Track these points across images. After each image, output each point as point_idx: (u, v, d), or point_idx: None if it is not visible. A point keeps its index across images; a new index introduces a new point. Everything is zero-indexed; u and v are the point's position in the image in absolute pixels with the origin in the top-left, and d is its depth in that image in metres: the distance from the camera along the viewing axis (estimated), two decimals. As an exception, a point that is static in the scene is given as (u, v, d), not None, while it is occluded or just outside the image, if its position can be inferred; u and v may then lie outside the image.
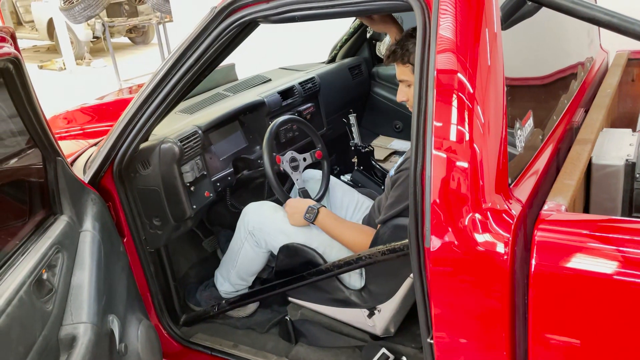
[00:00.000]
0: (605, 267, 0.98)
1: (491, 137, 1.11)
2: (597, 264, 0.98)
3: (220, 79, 2.55)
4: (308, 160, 2.10)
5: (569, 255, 1.00)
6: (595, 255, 0.99)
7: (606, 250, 0.99)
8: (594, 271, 0.98)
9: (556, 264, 1.01)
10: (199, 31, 1.48)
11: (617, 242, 1.00)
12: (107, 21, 7.35)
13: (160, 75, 1.56)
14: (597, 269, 0.98)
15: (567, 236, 1.02)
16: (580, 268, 0.99)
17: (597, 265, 0.98)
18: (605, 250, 0.99)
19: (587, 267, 0.99)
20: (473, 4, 1.11)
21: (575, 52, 1.83)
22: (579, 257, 0.99)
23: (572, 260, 1.00)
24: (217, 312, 1.94)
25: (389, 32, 1.70)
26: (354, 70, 2.82)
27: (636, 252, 0.97)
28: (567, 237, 1.02)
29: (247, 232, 1.89)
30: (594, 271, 0.98)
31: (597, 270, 0.98)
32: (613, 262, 0.98)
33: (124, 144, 1.66)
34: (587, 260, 0.99)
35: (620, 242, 0.99)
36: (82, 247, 1.50)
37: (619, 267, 0.97)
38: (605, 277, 0.98)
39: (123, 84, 6.84)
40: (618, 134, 1.61)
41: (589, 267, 0.98)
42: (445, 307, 1.18)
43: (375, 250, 1.50)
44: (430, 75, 1.13)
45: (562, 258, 1.00)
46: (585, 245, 1.01)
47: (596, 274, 0.98)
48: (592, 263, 0.98)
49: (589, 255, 0.99)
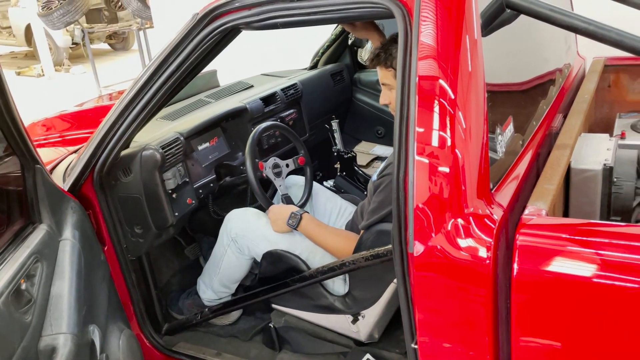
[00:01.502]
0: (585, 270, 1.00)
1: (472, 142, 1.12)
2: (577, 267, 0.99)
3: (202, 86, 2.54)
4: (291, 166, 2.10)
5: (550, 259, 1.01)
6: (575, 259, 1.00)
7: (585, 253, 1.00)
8: (574, 274, 0.99)
9: (537, 268, 1.02)
10: (181, 37, 1.47)
11: (596, 245, 1.02)
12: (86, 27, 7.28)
13: (142, 82, 1.55)
14: (577, 272, 0.99)
15: (547, 240, 1.04)
16: (560, 271, 1.00)
17: (577, 269, 0.99)
18: (584, 253, 1.00)
19: (567, 271, 1.00)
20: (453, 11, 1.12)
21: (553, 59, 1.86)
22: (560, 261, 1.01)
23: (552, 263, 1.01)
24: (200, 320, 1.92)
25: (371, 38, 1.72)
26: (336, 77, 2.83)
27: (615, 255, 0.98)
28: (548, 241, 1.04)
29: (229, 239, 1.87)
30: (574, 274, 0.99)
31: (577, 273, 0.99)
32: (592, 265, 0.99)
33: (104, 151, 1.63)
34: (568, 263, 1.00)
35: (599, 246, 1.01)
36: (61, 256, 1.48)
37: (599, 270, 0.99)
38: (585, 280, 0.99)
39: (103, 90, 6.76)
40: (596, 139, 1.64)
41: (569, 271, 1.00)
42: (428, 312, 1.18)
43: (359, 256, 1.50)
44: (412, 81, 1.14)
45: (543, 262, 1.02)
46: (565, 248, 1.02)
47: (576, 277, 0.99)
48: (572, 266, 1.00)
49: (569, 259, 1.01)
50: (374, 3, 1.23)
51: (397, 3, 1.19)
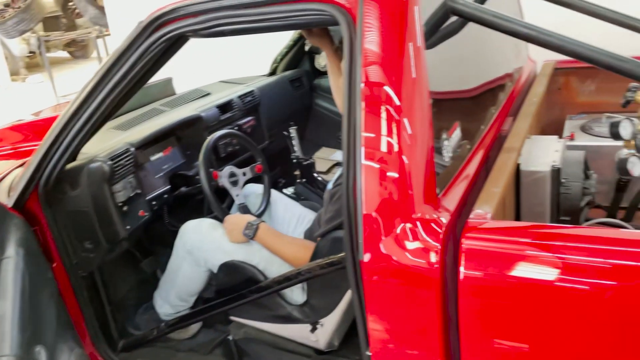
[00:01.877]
0: (529, 272, 1.01)
1: (418, 147, 1.13)
2: (520, 270, 1.00)
3: (157, 94, 2.49)
4: (248, 174, 2.07)
5: (494, 262, 1.02)
6: (519, 261, 1.01)
7: (528, 255, 1.01)
8: (518, 276, 1.00)
9: (482, 271, 1.03)
10: (126, 46, 1.44)
11: (540, 247, 1.03)
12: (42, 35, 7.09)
13: (87, 92, 1.51)
14: (521, 274, 1.00)
15: (491, 243, 1.04)
16: (504, 274, 1.01)
17: (520, 271, 1.00)
18: (527, 255, 1.01)
19: (511, 273, 1.01)
20: (396, 19, 1.13)
21: (504, 63, 1.90)
22: (504, 264, 1.02)
23: (496, 266, 1.02)
24: (157, 335, 1.87)
25: (323, 46, 1.71)
26: (295, 83, 2.83)
27: (558, 256, 1.00)
28: (492, 244, 1.04)
29: (185, 251, 1.84)
30: (518, 276, 1.00)
31: (521, 275, 1.00)
32: (536, 266, 1.00)
33: (49, 164, 1.58)
34: (511, 266, 1.01)
35: (543, 247, 1.02)
36: (4, 275, 1.42)
37: (543, 271, 1.00)
38: (529, 282, 1.00)
39: (61, 99, 6.59)
40: (545, 141, 1.68)
41: (513, 273, 1.00)
42: (380, 319, 1.18)
43: (314, 265, 1.49)
44: (357, 88, 1.14)
45: (487, 265, 1.02)
46: (509, 251, 1.03)
47: (520, 279, 1.00)
48: (515, 269, 1.01)
49: (513, 262, 1.01)
50: (318, 10, 1.22)
51: (342, 10, 1.19)
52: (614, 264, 0.97)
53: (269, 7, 1.29)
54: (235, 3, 1.32)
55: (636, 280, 0.94)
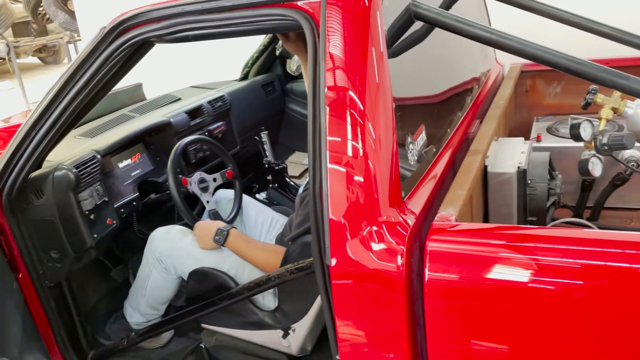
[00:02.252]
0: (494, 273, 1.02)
1: (383, 151, 1.13)
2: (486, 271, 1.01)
3: (127, 100, 2.46)
4: (218, 180, 2.06)
5: (457, 264, 1.03)
6: (483, 263, 1.02)
7: (491, 257, 1.02)
8: (483, 278, 1.01)
9: (447, 273, 1.03)
10: (88, 52, 1.42)
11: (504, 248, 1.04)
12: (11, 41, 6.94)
13: (49, 99, 1.48)
14: (486, 275, 1.01)
15: (455, 245, 1.05)
16: (470, 276, 1.02)
17: (486, 272, 1.01)
18: (490, 257, 1.02)
19: (476, 275, 1.02)
20: (358, 24, 1.13)
21: (470, 67, 1.92)
22: (469, 265, 1.03)
23: (460, 268, 1.03)
24: (128, 344, 1.84)
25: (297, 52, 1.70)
26: (267, 87, 2.82)
27: (520, 257, 1.01)
28: (456, 246, 1.05)
29: (154, 258, 1.81)
30: (483, 278, 1.01)
31: (486, 276, 1.01)
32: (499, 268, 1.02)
33: (12, 173, 1.55)
34: (474, 267, 1.02)
35: (505, 249, 1.03)
36: None
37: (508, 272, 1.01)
38: (494, 283, 1.01)
39: (31, 106, 6.46)
40: (512, 143, 1.70)
41: (478, 275, 1.01)
42: (349, 323, 1.18)
43: (284, 270, 1.48)
44: (322, 92, 1.14)
45: (451, 267, 1.03)
46: (473, 253, 1.04)
47: (485, 280, 1.01)
48: (481, 270, 1.02)
49: (478, 263, 1.03)
50: (282, 15, 1.22)
51: (305, 15, 1.19)
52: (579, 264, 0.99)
53: (232, 12, 1.28)
54: (198, 8, 1.31)
55: (601, 279, 0.96)
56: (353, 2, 1.13)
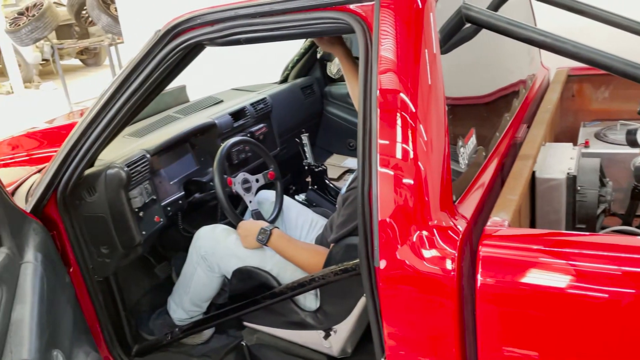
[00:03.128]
0: (548, 280, 1.00)
1: (434, 154, 1.13)
2: (538, 277, 1.00)
3: (171, 101, 2.52)
4: (261, 181, 2.08)
5: (512, 270, 1.02)
6: (537, 269, 1.01)
7: (546, 263, 1.01)
8: (535, 284, 1.00)
9: (500, 279, 1.02)
10: (143, 54, 1.46)
11: (558, 255, 1.03)
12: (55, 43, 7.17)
13: (105, 99, 1.53)
14: (540, 282, 1.00)
15: (509, 251, 1.04)
16: (522, 282, 1.01)
17: (540, 279, 1.00)
18: (545, 263, 1.01)
19: (529, 281, 1.01)
20: (412, 26, 1.14)
21: (517, 70, 1.90)
22: (521, 271, 1.01)
23: (514, 274, 1.02)
24: (171, 340, 1.88)
25: (336, 53, 1.72)
26: (306, 90, 2.84)
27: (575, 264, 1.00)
28: (510, 251, 1.04)
29: (199, 257, 1.85)
30: (535, 284, 1.00)
31: (538, 283, 1.00)
32: (554, 274, 1.00)
33: (67, 170, 1.60)
34: (529, 273, 1.01)
35: (561, 255, 1.02)
36: (23, 279, 1.43)
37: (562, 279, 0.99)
38: (548, 290, 1.00)
39: (74, 106, 6.66)
40: (560, 148, 1.67)
41: (530, 281, 1.00)
42: (397, 326, 1.18)
43: (328, 271, 1.49)
44: (373, 95, 1.15)
45: (505, 272, 1.02)
46: (526, 259, 1.03)
47: (539, 287, 1.00)
48: (535, 277, 1.01)
49: (531, 269, 1.01)
50: (334, 19, 1.23)
51: (357, 18, 1.20)
52: (631, 272, 0.97)
53: (284, 15, 1.30)
54: (251, 12, 1.33)
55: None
56: (407, 5, 1.13)
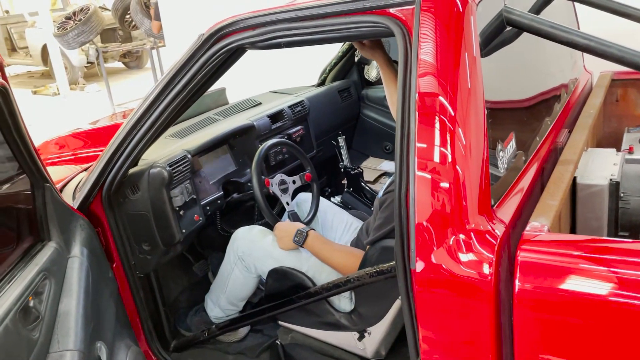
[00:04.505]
0: (588, 286, 0.99)
1: (473, 158, 1.13)
2: (579, 284, 0.99)
3: (211, 103, 2.58)
4: (297, 182, 2.11)
5: (552, 276, 1.01)
6: (577, 275, 0.99)
7: (587, 269, 0.99)
8: (576, 291, 0.99)
9: (539, 284, 1.01)
10: (187, 57, 1.50)
11: (599, 261, 1.01)
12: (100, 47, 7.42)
13: (149, 101, 1.58)
14: (579, 288, 0.98)
15: (549, 256, 1.03)
16: (562, 288, 0.99)
17: (579, 285, 0.98)
18: (586, 269, 0.99)
19: (569, 287, 0.99)
20: (452, 30, 1.14)
21: (559, 74, 1.87)
22: (562, 277, 1.00)
23: (554, 280, 1.00)
24: (208, 337, 1.93)
25: (376, 58, 1.73)
26: (343, 93, 2.86)
27: (618, 271, 0.98)
28: (549, 257, 1.03)
29: (236, 257, 1.88)
30: (576, 291, 0.99)
31: (579, 290, 0.98)
32: (595, 281, 0.99)
33: (112, 169, 1.66)
34: (569, 280, 1.00)
35: (602, 262, 1.00)
36: (69, 273, 1.50)
37: (602, 287, 0.98)
38: (588, 297, 0.98)
39: (116, 108, 6.87)
40: (603, 154, 1.63)
41: (571, 287, 0.99)
42: (432, 329, 1.18)
43: (363, 273, 1.50)
44: (412, 98, 1.15)
45: (544, 278, 1.01)
46: (567, 265, 1.02)
47: (578, 294, 0.98)
48: (574, 283, 0.99)
49: (571, 275, 1.00)
50: (374, 22, 1.24)
51: (397, 22, 1.21)
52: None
53: (324, 19, 1.32)
54: (291, 16, 1.36)
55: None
56: (448, 8, 1.14)
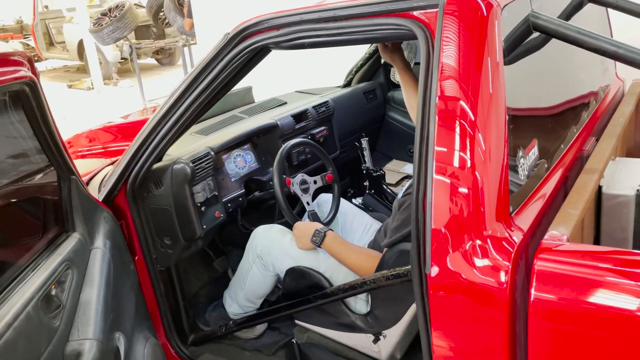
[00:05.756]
0: (607, 299, 0.97)
1: (492, 164, 1.12)
2: (597, 296, 0.96)
3: (237, 102, 2.61)
4: (319, 183, 2.11)
5: (569, 286, 0.99)
6: (595, 287, 0.97)
7: (606, 281, 0.97)
8: (595, 303, 0.97)
9: (556, 294, 1.00)
10: (212, 56, 1.52)
11: (621, 273, 0.98)
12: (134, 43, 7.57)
13: (175, 98, 1.61)
14: (599, 300, 0.96)
15: (567, 266, 1.01)
16: (580, 299, 0.97)
17: (599, 297, 0.96)
18: (605, 281, 0.97)
19: (588, 299, 0.97)
20: (475, 34, 1.13)
21: (588, 81, 1.82)
22: (579, 288, 0.98)
23: (572, 291, 0.98)
24: (225, 332, 1.95)
25: (395, 63, 1.73)
26: (368, 95, 2.85)
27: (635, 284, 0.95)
28: (567, 267, 1.01)
29: (255, 255, 1.90)
30: (595, 303, 0.97)
31: (596, 301, 0.96)
32: (616, 294, 0.96)
33: (137, 163, 1.70)
34: (588, 291, 0.97)
35: (621, 274, 0.97)
36: (92, 264, 1.53)
37: (620, 299, 0.95)
38: (605, 309, 0.96)
39: (147, 103, 7.00)
40: (630, 164, 1.59)
41: (590, 299, 0.97)
42: (446, 334, 1.17)
43: (380, 275, 1.50)
44: (432, 102, 1.15)
45: (561, 288, 0.99)
46: (585, 276, 0.99)
47: (598, 306, 0.96)
48: (592, 295, 0.97)
49: (589, 287, 0.98)
50: (397, 25, 1.24)
51: (420, 25, 1.20)
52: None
53: (348, 21, 1.32)
54: (315, 17, 1.37)
55: None
56: (472, 13, 1.13)
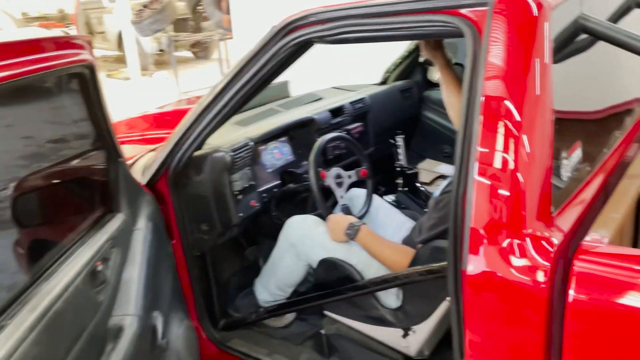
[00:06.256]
0: (646, 303, 0.96)
1: (536, 165, 1.12)
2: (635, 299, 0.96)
3: (274, 95, 2.65)
4: (353, 177, 2.13)
5: (607, 288, 0.99)
6: (635, 290, 0.97)
7: (647, 286, 0.97)
8: (632, 306, 0.96)
9: (594, 297, 1.00)
10: (259, 48, 1.56)
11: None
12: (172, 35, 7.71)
13: (219, 89, 1.65)
14: (635, 303, 0.96)
15: (607, 268, 1.01)
16: (618, 302, 0.97)
17: (635, 300, 0.96)
18: (646, 286, 0.97)
19: (627, 302, 0.97)
20: (524, 34, 1.13)
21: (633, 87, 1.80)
22: (619, 291, 0.98)
23: (611, 293, 0.98)
24: (255, 319, 1.99)
25: (437, 60, 1.73)
26: (405, 93, 2.86)
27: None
28: (607, 269, 1.01)
29: (288, 244, 1.93)
30: (632, 306, 0.96)
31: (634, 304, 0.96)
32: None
33: (179, 151, 1.75)
34: (627, 294, 0.97)
35: (664, 279, 0.97)
36: (134, 244, 1.59)
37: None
38: (645, 314, 0.96)
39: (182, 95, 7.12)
40: (673, 171, 1.56)
41: (627, 302, 0.97)
42: (479, 333, 1.18)
43: (413, 271, 1.51)
44: (477, 101, 1.15)
45: (599, 290, 0.99)
46: (625, 279, 0.99)
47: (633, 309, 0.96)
48: (631, 298, 0.97)
49: (629, 290, 0.98)
50: (444, 22, 1.25)
51: (468, 23, 1.21)
52: None
53: (394, 17, 1.34)
54: (361, 12, 1.39)
55: None
56: (522, 13, 1.13)
